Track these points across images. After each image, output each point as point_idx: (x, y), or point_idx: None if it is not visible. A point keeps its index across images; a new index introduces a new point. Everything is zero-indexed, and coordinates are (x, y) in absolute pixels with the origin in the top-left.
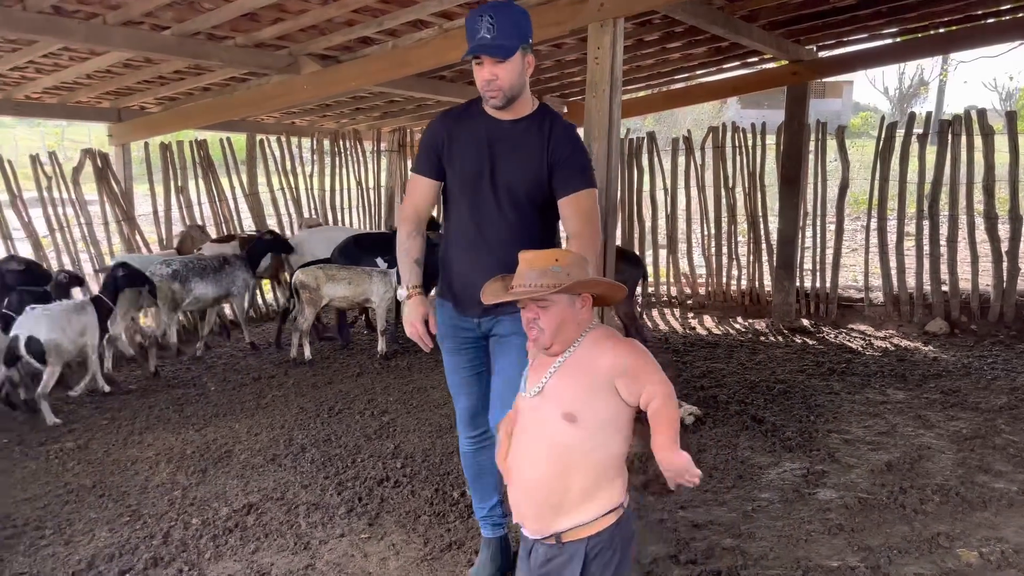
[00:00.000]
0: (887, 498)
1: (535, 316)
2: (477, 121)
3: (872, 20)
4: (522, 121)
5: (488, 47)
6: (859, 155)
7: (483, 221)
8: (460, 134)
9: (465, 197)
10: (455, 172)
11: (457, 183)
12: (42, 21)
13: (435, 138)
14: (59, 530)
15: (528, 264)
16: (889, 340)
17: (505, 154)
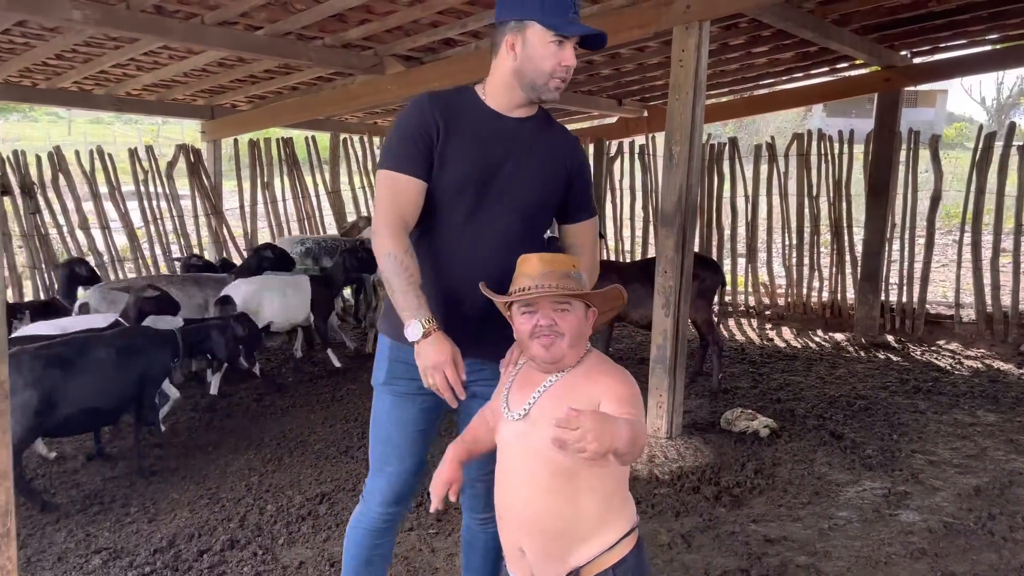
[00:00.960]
0: (974, 524)
1: (551, 322)
2: (477, 113)
3: (971, 25)
4: (529, 121)
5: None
6: (952, 167)
7: (481, 235)
8: (458, 127)
9: (459, 205)
10: (448, 173)
11: (450, 187)
12: (144, 20)
13: (426, 127)
14: (144, 508)
15: (547, 264)
16: (980, 359)
17: (515, 158)
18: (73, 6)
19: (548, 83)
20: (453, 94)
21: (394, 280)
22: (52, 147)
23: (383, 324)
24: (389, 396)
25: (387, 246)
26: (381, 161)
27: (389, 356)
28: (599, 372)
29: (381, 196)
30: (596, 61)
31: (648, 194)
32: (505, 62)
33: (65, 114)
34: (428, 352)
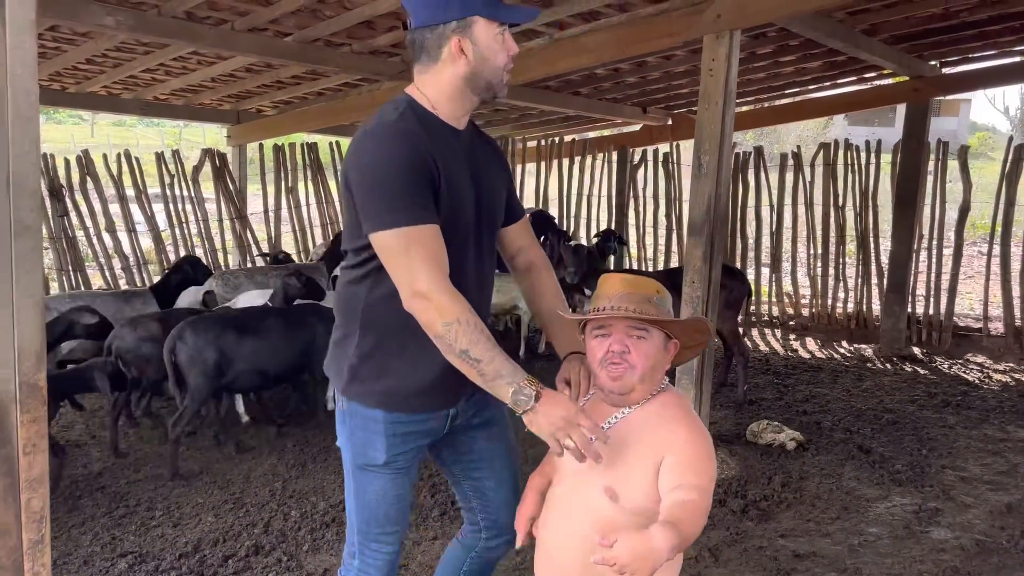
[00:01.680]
0: (1007, 542)
1: (624, 348)
2: (444, 134)
3: (1002, 36)
4: (467, 131)
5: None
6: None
7: (467, 273)
8: (446, 158)
9: (464, 241)
10: (451, 216)
11: (456, 225)
12: (175, 25)
13: (427, 165)
14: (168, 512)
15: (628, 285)
16: (1009, 374)
17: (484, 177)
18: (106, 12)
19: (502, 79)
20: (417, 119)
21: (475, 348)
22: (80, 151)
23: (361, 390)
24: (387, 475)
25: (452, 311)
26: (385, 219)
27: (386, 431)
28: (671, 418)
29: (414, 256)
30: (622, 69)
31: (671, 202)
32: (453, 69)
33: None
34: (553, 412)
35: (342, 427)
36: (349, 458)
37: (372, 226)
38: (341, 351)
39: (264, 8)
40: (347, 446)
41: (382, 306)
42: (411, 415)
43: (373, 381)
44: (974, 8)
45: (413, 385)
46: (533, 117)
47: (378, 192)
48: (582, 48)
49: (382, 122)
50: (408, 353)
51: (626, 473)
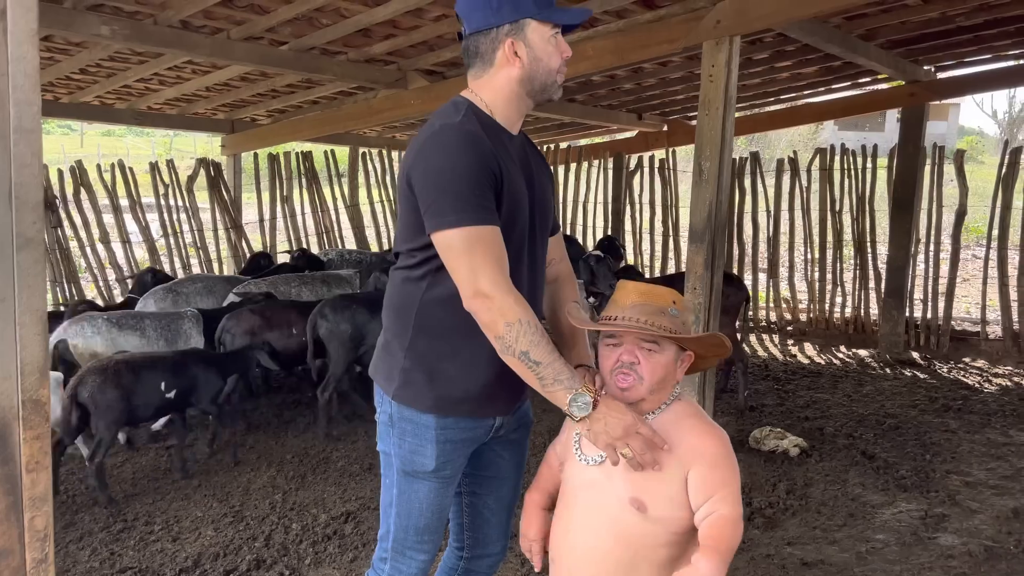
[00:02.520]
0: (1015, 547)
1: (633, 360)
2: (503, 139)
3: (998, 40)
4: (519, 136)
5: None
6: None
7: (521, 277)
8: (505, 162)
9: (518, 245)
10: (510, 218)
11: (515, 228)
12: (171, 35)
13: (490, 168)
14: (167, 527)
15: (642, 296)
16: (1009, 377)
17: (537, 182)
18: (101, 22)
19: (556, 81)
20: (479, 120)
21: (535, 350)
22: (73, 161)
23: (413, 394)
24: (434, 483)
25: (515, 312)
26: (451, 219)
27: (437, 438)
28: (689, 428)
29: (477, 255)
30: (618, 76)
31: (667, 208)
32: (507, 72)
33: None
34: (613, 420)
35: (389, 432)
36: (397, 464)
37: (437, 225)
38: (389, 354)
39: (260, 17)
40: (395, 452)
41: (438, 308)
42: (463, 420)
43: (426, 384)
44: (970, 13)
45: (467, 389)
46: (527, 124)
47: (445, 192)
48: (580, 55)
49: (446, 124)
50: (462, 357)
51: (651, 482)
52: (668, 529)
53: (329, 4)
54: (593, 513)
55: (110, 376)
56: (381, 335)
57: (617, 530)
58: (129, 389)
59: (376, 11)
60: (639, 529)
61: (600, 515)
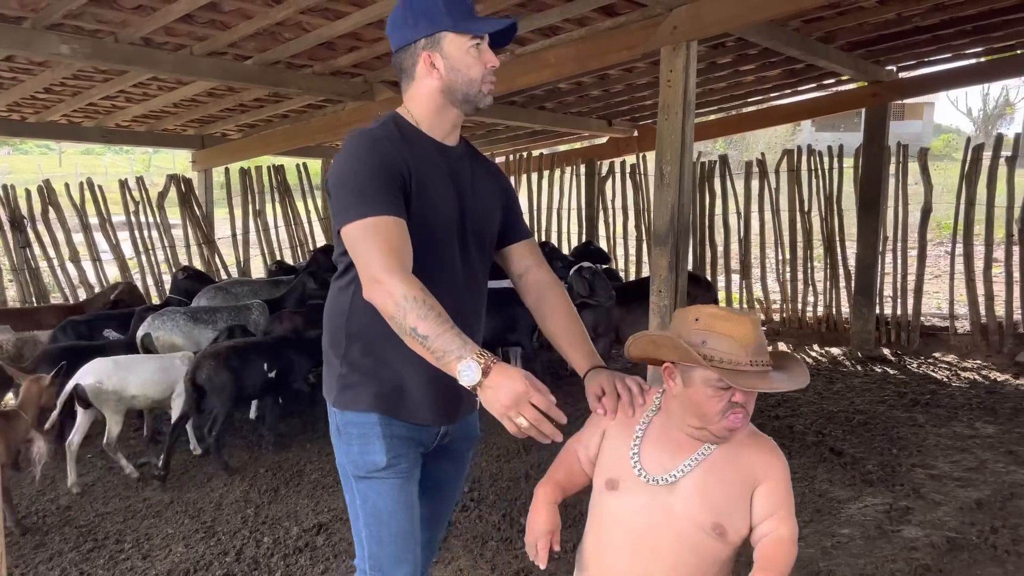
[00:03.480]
0: (977, 538)
1: (747, 398)
2: (426, 147)
3: (956, 39)
4: (459, 147)
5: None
6: (941, 178)
7: (449, 285)
8: (422, 166)
9: (428, 255)
10: (422, 219)
11: (422, 235)
12: (133, 52)
13: (397, 167)
14: (137, 544)
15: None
16: (977, 371)
17: (470, 192)
18: (61, 40)
19: (481, 90)
20: (393, 129)
21: (423, 324)
22: (42, 180)
23: (352, 396)
24: (394, 481)
25: (399, 288)
26: (346, 214)
27: (383, 433)
28: (753, 444)
29: (371, 242)
30: (585, 83)
31: (640, 213)
32: (427, 83)
33: (56, 146)
34: (503, 387)
35: (338, 441)
36: (351, 472)
37: (340, 222)
38: (329, 365)
39: (222, 32)
40: (346, 460)
41: (365, 315)
42: (391, 420)
43: (363, 385)
44: (926, 13)
45: (403, 393)
46: (501, 133)
47: (347, 189)
48: (543, 63)
49: (361, 131)
50: (394, 362)
51: (730, 506)
52: (736, 546)
53: (290, 18)
54: (660, 532)
55: (222, 360)
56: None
57: (696, 555)
58: (238, 371)
59: (337, 24)
60: (715, 552)
61: (668, 533)
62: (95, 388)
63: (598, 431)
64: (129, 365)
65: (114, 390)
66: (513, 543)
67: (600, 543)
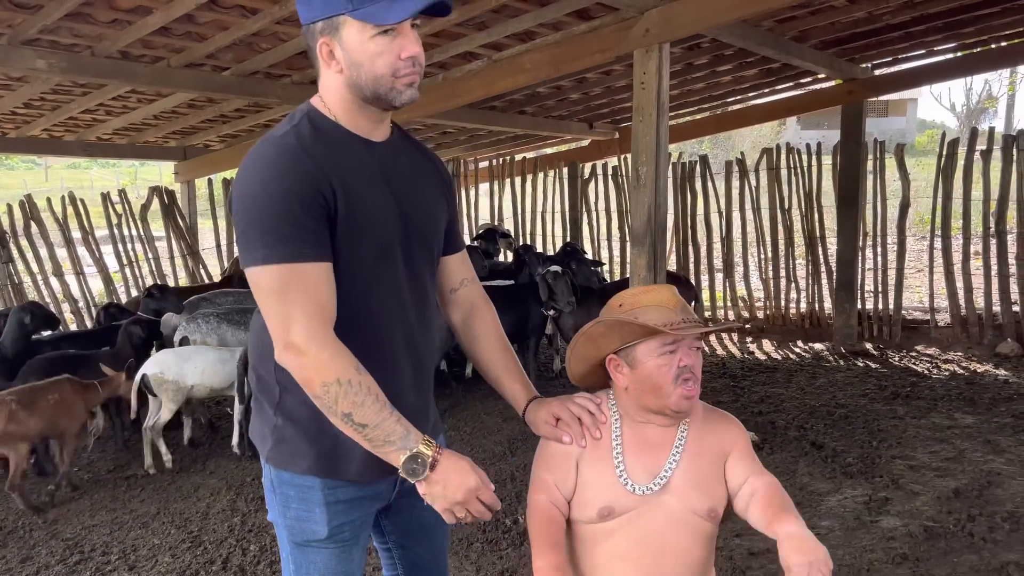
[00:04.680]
0: (954, 526)
1: (693, 363)
2: (351, 147)
3: (928, 36)
4: (391, 139)
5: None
6: (925, 173)
7: (396, 311)
8: (349, 174)
9: (367, 280)
10: (356, 241)
11: (358, 258)
12: (110, 65)
13: (316, 186)
14: (124, 556)
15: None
16: (957, 363)
17: (411, 193)
18: (37, 55)
19: (395, 85)
20: (313, 130)
21: (359, 411)
22: (23, 196)
23: (289, 454)
24: (332, 550)
25: (332, 370)
26: (258, 254)
27: (325, 499)
28: (715, 420)
29: (290, 299)
30: (564, 86)
31: (623, 215)
32: (330, 75)
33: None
34: (453, 480)
35: (272, 499)
36: (285, 536)
37: (245, 260)
38: (260, 412)
39: (199, 43)
40: (280, 521)
41: None
42: (343, 481)
43: (301, 441)
44: (896, 11)
45: (352, 449)
46: (483, 138)
47: (253, 221)
48: (519, 68)
49: (268, 138)
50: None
51: (714, 486)
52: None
53: (266, 29)
54: (669, 532)
55: None
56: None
57: (697, 535)
58: None
59: None
60: (709, 533)
61: (678, 529)
62: (157, 377)
63: (570, 464)
64: (188, 356)
65: (173, 380)
66: (498, 544)
67: (601, 561)
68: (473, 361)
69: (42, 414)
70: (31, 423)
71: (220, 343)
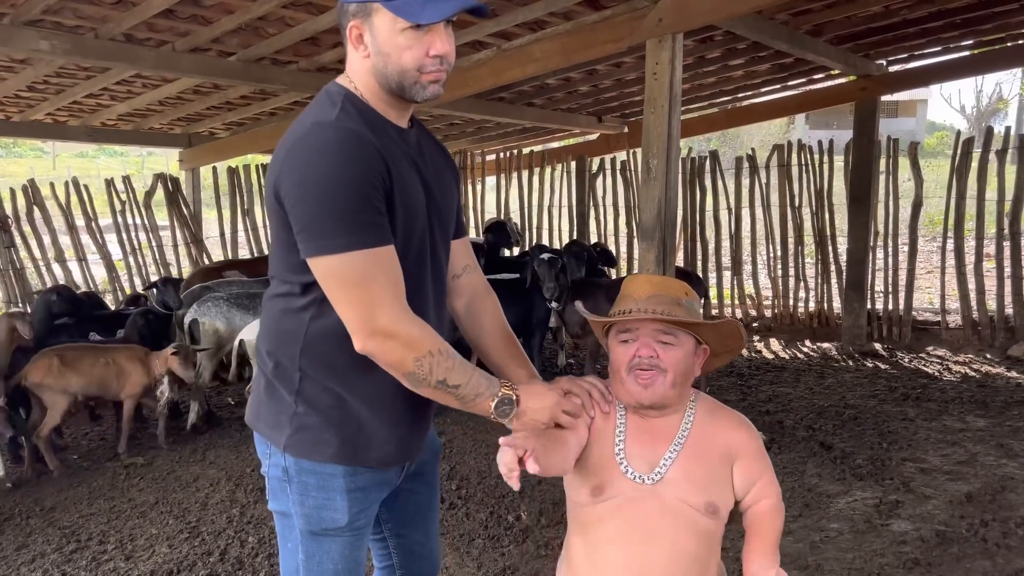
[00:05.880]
0: (967, 531)
1: (652, 353)
2: (390, 134)
3: (945, 32)
4: (412, 130)
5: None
6: (934, 175)
7: (425, 296)
8: (394, 161)
9: (409, 269)
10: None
11: (412, 240)
12: (114, 48)
13: (378, 172)
14: (121, 545)
15: (656, 287)
16: (968, 365)
17: (434, 181)
18: (40, 36)
19: (419, 80)
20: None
21: (452, 375)
22: (26, 181)
23: (312, 442)
24: (348, 538)
25: (423, 343)
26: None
27: (347, 487)
28: (725, 421)
29: (374, 285)
30: (574, 78)
31: (631, 210)
32: (358, 59)
33: (49, 149)
34: (534, 406)
35: (285, 488)
36: (301, 525)
37: (318, 249)
38: (275, 399)
39: (204, 28)
40: (297, 511)
41: (327, 343)
42: (364, 468)
43: (325, 430)
44: (914, 5)
45: (373, 435)
46: (491, 130)
47: (326, 208)
48: (529, 57)
49: (320, 122)
50: (363, 398)
51: (716, 484)
52: (725, 521)
53: (272, 13)
54: (665, 524)
55: None
56: (258, 376)
57: (695, 531)
58: None
59: (321, 19)
60: (710, 530)
61: (674, 522)
62: (251, 343)
63: (584, 427)
64: None
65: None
66: (500, 541)
67: (591, 543)
68: (476, 350)
69: (86, 374)
70: (71, 380)
71: (228, 327)
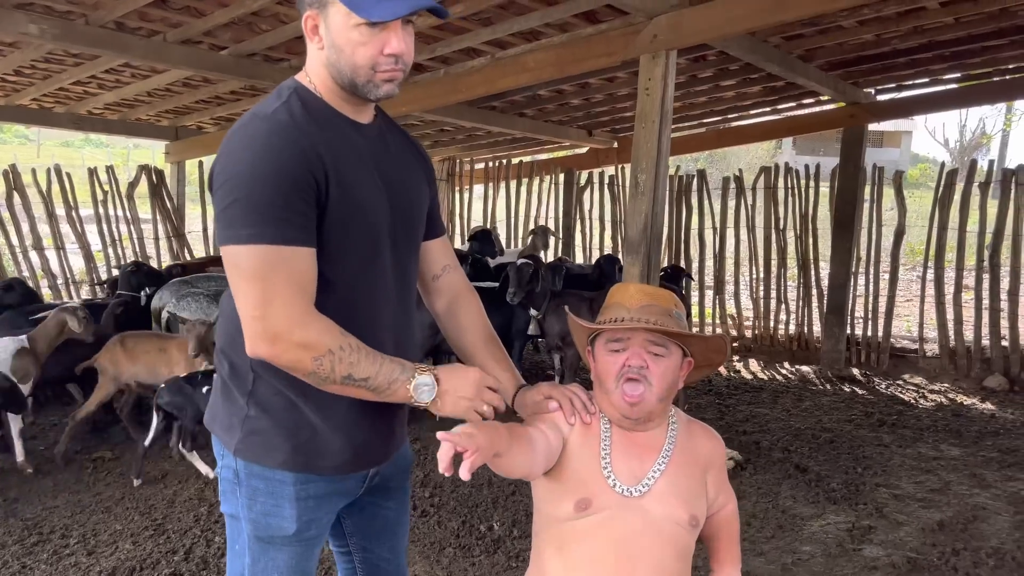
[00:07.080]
0: (938, 559)
1: (642, 363)
2: (341, 128)
3: (934, 64)
4: (376, 125)
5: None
6: (916, 206)
7: (382, 299)
8: (340, 157)
9: (354, 268)
10: (346, 227)
11: (347, 245)
12: (104, 36)
13: (309, 168)
14: (83, 540)
15: (648, 296)
16: (944, 394)
17: (397, 178)
18: (29, 20)
19: (372, 78)
20: (303, 106)
21: (358, 368)
22: (7, 166)
23: (262, 446)
24: (296, 548)
25: (321, 342)
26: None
27: (296, 495)
28: (701, 432)
29: (274, 283)
30: (566, 91)
31: (617, 224)
32: (313, 51)
33: (35, 136)
34: (457, 382)
35: (234, 491)
36: (248, 530)
37: (224, 238)
38: (228, 400)
39: (197, 20)
40: (245, 515)
41: None
42: (316, 476)
43: (276, 434)
44: (904, 36)
45: (329, 442)
46: (481, 138)
47: (239, 198)
48: (522, 67)
49: (257, 113)
50: (317, 400)
51: (695, 497)
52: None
53: (266, 9)
54: (650, 538)
55: None
56: (216, 378)
57: (676, 548)
58: None
59: None
60: (688, 542)
61: (657, 537)
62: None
63: (558, 433)
64: None
65: None
66: (471, 551)
67: (572, 562)
68: (458, 351)
69: (140, 361)
70: (125, 366)
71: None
